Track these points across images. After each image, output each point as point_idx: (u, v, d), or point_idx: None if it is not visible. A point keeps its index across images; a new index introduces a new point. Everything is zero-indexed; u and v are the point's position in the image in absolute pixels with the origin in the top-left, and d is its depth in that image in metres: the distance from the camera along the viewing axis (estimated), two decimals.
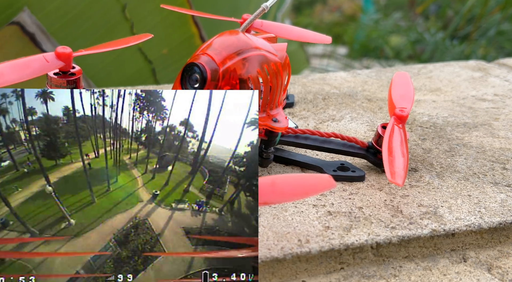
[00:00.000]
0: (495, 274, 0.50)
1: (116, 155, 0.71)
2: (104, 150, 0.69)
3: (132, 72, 1.15)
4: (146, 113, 0.70)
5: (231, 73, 0.52)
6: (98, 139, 0.69)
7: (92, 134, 0.68)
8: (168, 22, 1.13)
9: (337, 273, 0.49)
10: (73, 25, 1.05)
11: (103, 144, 0.69)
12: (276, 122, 0.55)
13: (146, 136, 0.72)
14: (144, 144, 0.74)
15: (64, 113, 0.61)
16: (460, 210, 0.54)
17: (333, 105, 0.77)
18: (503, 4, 1.82)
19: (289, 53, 0.57)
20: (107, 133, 0.70)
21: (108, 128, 0.69)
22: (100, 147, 0.69)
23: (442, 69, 0.93)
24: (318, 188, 0.46)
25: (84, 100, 0.62)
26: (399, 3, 2.71)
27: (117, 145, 0.72)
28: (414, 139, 0.68)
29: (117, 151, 0.71)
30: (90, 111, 0.64)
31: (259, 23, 0.67)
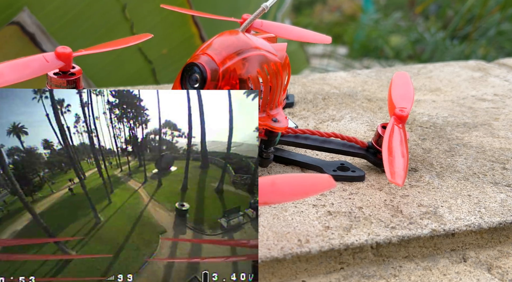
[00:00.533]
0: (495, 274, 0.50)
1: (105, 173, 0.68)
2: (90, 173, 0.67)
3: (132, 72, 1.15)
4: (126, 121, 0.69)
5: (231, 73, 0.52)
6: (84, 163, 0.67)
7: (77, 161, 0.66)
8: (168, 22, 1.13)
9: (337, 273, 0.49)
10: (73, 25, 1.05)
11: (89, 167, 0.67)
12: (276, 122, 0.55)
13: (132, 146, 0.70)
14: (132, 153, 0.72)
15: (44, 146, 0.60)
16: (460, 210, 0.54)
17: (333, 105, 0.77)
18: (503, 4, 1.82)
19: (289, 53, 0.57)
20: (91, 155, 0.68)
21: (92, 151, 0.67)
22: (86, 170, 0.67)
23: (442, 69, 0.93)
24: (318, 188, 0.46)
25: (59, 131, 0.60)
26: (399, 3, 2.71)
27: (105, 163, 0.70)
28: (414, 139, 0.68)
29: (106, 169, 0.68)
30: (70, 141, 0.62)
31: (259, 23, 0.66)
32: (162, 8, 0.73)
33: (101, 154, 0.69)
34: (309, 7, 3.44)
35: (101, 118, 0.70)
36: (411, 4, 2.50)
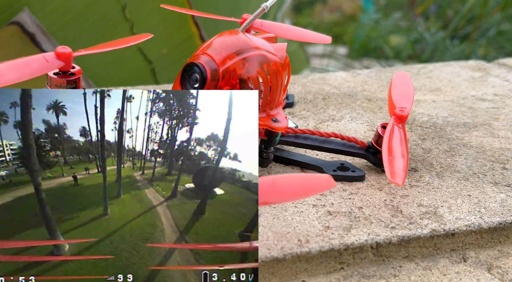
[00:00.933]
0: (495, 274, 0.50)
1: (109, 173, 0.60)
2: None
3: (132, 72, 1.15)
4: (168, 119, 0.62)
5: (231, 73, 0.52)
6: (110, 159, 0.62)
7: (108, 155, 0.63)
8: (168, 22, 1.13)
9: (337, 273, 0.49)
10: (73, 25, 1.05)
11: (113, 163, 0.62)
12: (276, 122, 0.55)
13: (166, 148, 0.61)
14: (164, 156, 0.62)
15: (81, 133, 0.60)
16: (460, 210, 0.54)
17: (333, 105, 0.77)
18: (503, 4, 1.81)
19: (289, 53, 0.57)
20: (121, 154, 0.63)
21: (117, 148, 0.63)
22: (108, 166, 0.62)
23: (442, 69, 0.93)
24: (318, 188, 0.46)
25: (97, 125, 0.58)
26: (399, 3, 2.70)
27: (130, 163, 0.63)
28: (414, 139, 0.68)
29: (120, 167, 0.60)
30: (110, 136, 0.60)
31: (259, 23, 0.66)
32: (162, 8, 0.73)
33: (128, 153, 0.66)
34: (309, 7, 3.44)
35: (141, 117, 0.68)
36: (411, 4, 2.50)
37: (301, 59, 1.72)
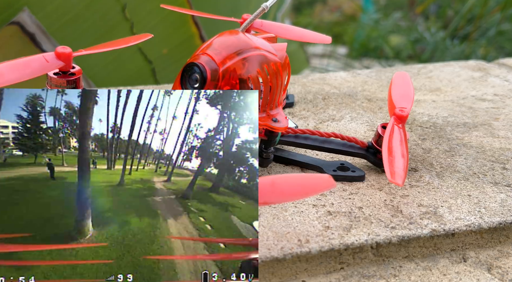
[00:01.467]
0: (495, 274, 0.50)
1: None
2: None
3: (132, 72, 1.15)
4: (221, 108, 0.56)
5: (231, 73, 0.52)
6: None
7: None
8: (168, 22, 1.13)
9: (337, 273, 0.49)
10: (73, 25, 1.05)
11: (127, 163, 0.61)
12: (276, 122, 0.55)
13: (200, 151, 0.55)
14: (199, 156, 0.57)
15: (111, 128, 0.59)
16: (460, 210, 0.54)
17: (333, 105, 0.77)
18: (503, 4, 1.82)
19: (289, 53, 0.57)
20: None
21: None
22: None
23: (442, 69, 0.93)
24: (318, 188, 0.46)
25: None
26: (399, 3, 2.70)
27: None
28: (414, 139, 0.68)
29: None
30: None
31: (259, 23, 0.66)
32: (162, 8, 0.73)
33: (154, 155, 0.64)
34: (309, 7, 3.44)
35: (179, 117, 0.66)
36: (411, 4, 2.50)
37: (301, 59, 1.72)
